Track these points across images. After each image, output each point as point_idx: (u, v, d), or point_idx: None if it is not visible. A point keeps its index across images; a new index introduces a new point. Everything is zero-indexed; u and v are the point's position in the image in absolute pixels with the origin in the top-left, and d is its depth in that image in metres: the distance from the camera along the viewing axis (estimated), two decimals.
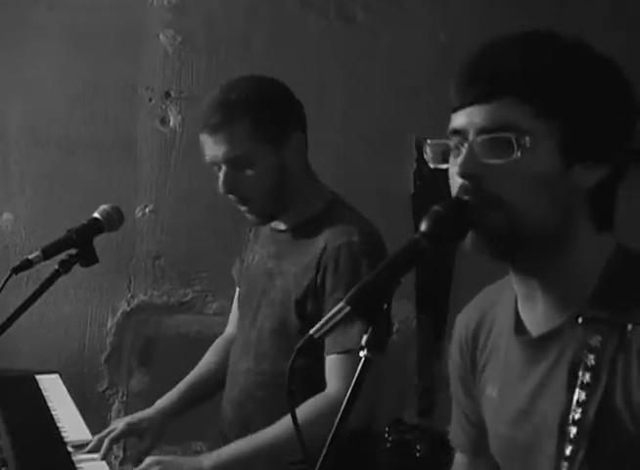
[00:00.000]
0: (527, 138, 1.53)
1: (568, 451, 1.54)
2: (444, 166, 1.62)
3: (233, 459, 2.54)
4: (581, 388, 1.54)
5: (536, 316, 1.68)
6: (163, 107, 4.15)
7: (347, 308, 1.55)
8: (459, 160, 1.57)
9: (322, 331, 1.57)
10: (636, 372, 1.52)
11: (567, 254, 1.61)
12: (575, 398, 1.54)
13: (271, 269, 2.75)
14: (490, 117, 1.55)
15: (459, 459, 2.00)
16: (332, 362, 2.57)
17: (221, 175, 2.63)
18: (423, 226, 1.57)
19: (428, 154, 1.65)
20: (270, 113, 2.64)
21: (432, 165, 1.65)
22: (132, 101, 4.15)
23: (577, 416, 1.54)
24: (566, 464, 1.54)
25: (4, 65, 4.03)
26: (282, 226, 2.77)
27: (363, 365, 1.56)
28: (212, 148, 2.62)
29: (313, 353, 2.57)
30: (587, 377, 1.54)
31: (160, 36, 4.16)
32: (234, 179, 2.63)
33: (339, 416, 1.55)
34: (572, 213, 1.60)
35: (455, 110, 1.60)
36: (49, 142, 4.10)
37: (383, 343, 1.60)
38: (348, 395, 1.56)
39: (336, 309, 1.56)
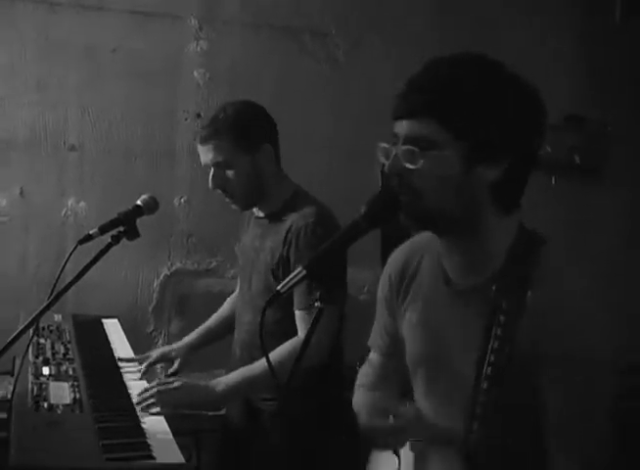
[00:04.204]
0: (430, 150, 1.54)
1: (485, 385, 1.55)
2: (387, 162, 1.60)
3: (237, 383, 2.60)
4: (495, 339, 1.55)
5: (456, 270, 1.69)
6: (195, 125, 4.13)
7: (304, 272, 1.61)
8: (388, 162, 1.60)
9: (285, 288, 1.62)
10: (526, 329, 1.53)
11: (474, 227, 1.62)
12: (490, 346, 1.55)
13: (257, 247, 2.78)
14: (411, 130, 1.56)
15: (373, 357, 2.02)
16: (299, 316, 2.61)
17: (210, 175, 2.68)
18: (362, 210, 1.62)
19: (378, 155, 1.64)
20: (245, 131, 2.66)
21: (380, 161, 1.63)
22: (173, 120, 4.17)
23: (493, 360, 1.55)
24: (484, 395, 1.55)
25: (83, 95, 4.06)
26: (261, 214, 2.80)
27: (317, 314, 1.64)
28: (203, 154, 2.68)
29: (287, 310, 2.62)
30: (499, 331, 1.55)
31: (194, 73, 4.19)
32: (219, 178, 2.67)
33: (297, 355, 1.63)
34: (478, 201, 1.59)
35: (394, 119, 1.61)
36: (113, 150, 4.12)
37: (332, 298, 1.67)
38: (305, 336, 1.64)
39: (295, 272, 1.62)
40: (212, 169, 2.68)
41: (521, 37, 4.41)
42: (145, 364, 2.88)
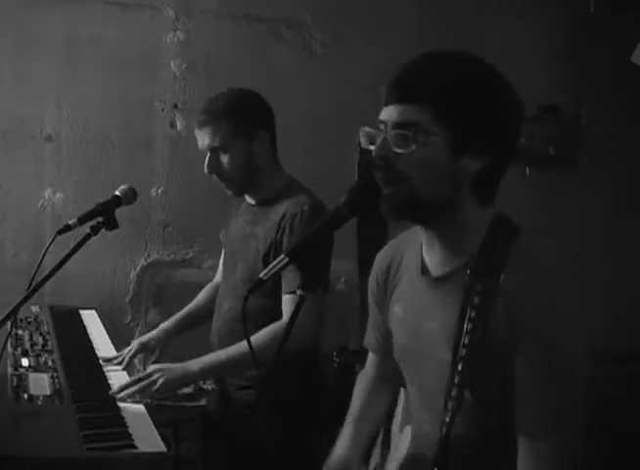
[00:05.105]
0: (422, 136, 1.55)
1: (460, 367, 1.58)
2: (371, 148, 1.61)
3: (214, 363, 2.61)
4: (469, 321, 1.57)
5: (435, 260, 1.70)
6: (172, 115, 4.15)
7: (286, 259, 1.63)
8: (376, 145, 1.60)
9: (268, 275, 1.65)
10: (501, 310, 1.56)
11: (455, 216, 1.63)
12: (465, 327, 1.57)
13: (247, 234, 2.78)
14: (401, 116, 1.57)
15: (371, 357, 2.06)
16: (285, 300, 2.61)
17: (206, 160, 2.69)
18: (343, 199, 1.64)
19: (361, 139, 1.64)
20: (242, 116, 2.67)
21: (363, 147, 1.64)
22: (150, 111, 4.16)
23: (467, 341, 1.57)
24: (458, 376, 1.58)
25: (60, 85, 4.05)
26: (253, 201, 2.81)
27: (299, 301, 1.66)
28: (200, 139, 2.69)
29: (272, 297, 2.63)
30: (473, 313, 1.57)
31: (171, 64, 4.18)
32: (214, 163, 2.69)
33: (280, 340, 1.65)
34: (460, 189, 1.61)
35: (384, 105, 1.61)
36: (90, 140, 4.11)
37: (314, 285, 1.69)
38: (287, 322, 1.66)
39: (278, 259, 1.64)
40: (208, 154, 2.70)
41: (497, 30, 4.42)
42: (127, 358, 2.88)
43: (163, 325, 3.10)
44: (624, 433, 3.74)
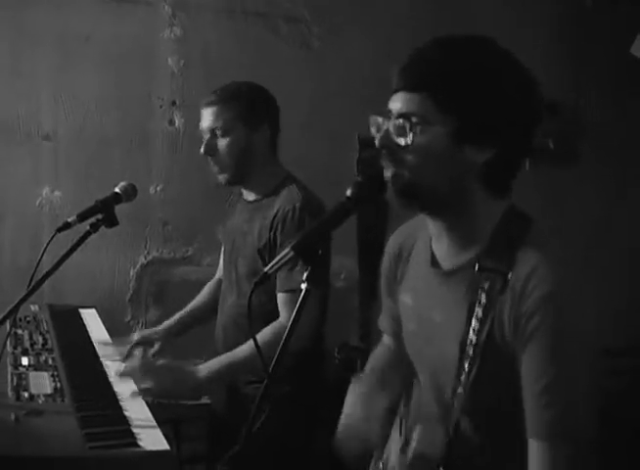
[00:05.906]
0: (421, 125, 1.54)
1: (466, 366, 1.56)
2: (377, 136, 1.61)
3: (220, 369, 2.60)
4: (476, 319, 1.55)
5: (443, 253, 1.68)
6: (171, 112, 4.14)
7: (292, 253, 1.61)
8: (379, 134, 1.60)
9: (273, 269, 1.63)
10: (508, 308, 1.53)
11: (462, 208, 1.61)
12: (472, 326, 1.56)
13: (245, 230, 2.79)
14: (404, 105, 1.56)
15: (385, 339, 2.05)
16: (281, 298, 2.62)
17: (204, 141, 2.71)
18: (348, 192, 1.64)
19: (370, 127, 1.64)
20: (249, 104, 2.70)
21: (372, 134, 1.63)
22: (148, 107, 4.14)
23: (473, 341, 1.55)
24: (464, 375, 1.56)
25: (57, 83, 4.02)
26: (251, 198, 2.82)
27: (304, 295, 1.61)
28: (204, 118, 2.71)
29: (270, 293, 2.64)
30: (480, 312, 1.55)
31: (169, 60, 4.16)
32: (212, 145, 2.70)
33: (284, 336, 1.59)
34: (466, 181, 1.59)
35: (393, 92, 1.60)
36: (87, 139, 4.08)
37: (318, 279, 1.66)
38: (292, 317, 1.61)
39: (283, 253, 1.62)
40: (207, 135, 2.71)
41: (494, 23, 4.38)
42: (128, 347, 2.87)
43: (167, 323, 3.11)
44: (626, 425, 3.74)
